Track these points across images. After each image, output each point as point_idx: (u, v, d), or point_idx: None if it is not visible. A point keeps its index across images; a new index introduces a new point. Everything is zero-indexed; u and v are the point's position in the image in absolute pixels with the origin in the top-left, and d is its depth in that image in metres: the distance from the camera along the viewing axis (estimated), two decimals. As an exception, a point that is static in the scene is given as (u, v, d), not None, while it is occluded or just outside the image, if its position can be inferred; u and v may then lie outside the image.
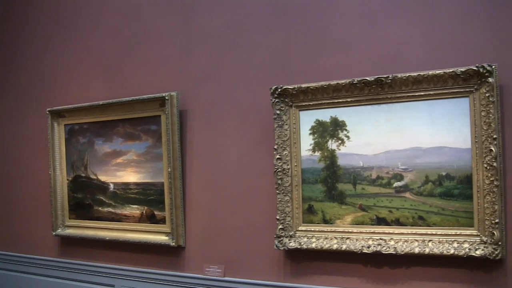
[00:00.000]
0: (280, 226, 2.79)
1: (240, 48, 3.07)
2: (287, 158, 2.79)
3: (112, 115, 3.44)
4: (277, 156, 2.80)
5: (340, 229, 2.66)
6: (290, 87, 2.74)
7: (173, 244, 3.15)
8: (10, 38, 4.22)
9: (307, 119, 2.76)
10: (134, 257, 3.40)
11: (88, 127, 3.60)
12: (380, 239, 2.55)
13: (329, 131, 2.70)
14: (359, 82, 2.56)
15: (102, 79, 3.63)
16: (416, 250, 2.44)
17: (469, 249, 2.34)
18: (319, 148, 2.73)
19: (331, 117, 2.69)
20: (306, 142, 2.76)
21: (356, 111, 2.63)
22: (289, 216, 2.79)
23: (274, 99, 2.79)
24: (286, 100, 2.78)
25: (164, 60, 3.35)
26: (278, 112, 2.79)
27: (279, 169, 2.79)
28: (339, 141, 2.67)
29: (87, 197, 3.62)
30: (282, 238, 2.79)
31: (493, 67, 2.28)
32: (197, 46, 3.23)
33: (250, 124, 3.00)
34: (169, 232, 3.18)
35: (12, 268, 4.04)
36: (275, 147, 2.80)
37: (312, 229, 2.74)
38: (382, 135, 2.56)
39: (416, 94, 2.47)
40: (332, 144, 2.69)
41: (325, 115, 2.71)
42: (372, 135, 2.59)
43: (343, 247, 2.62)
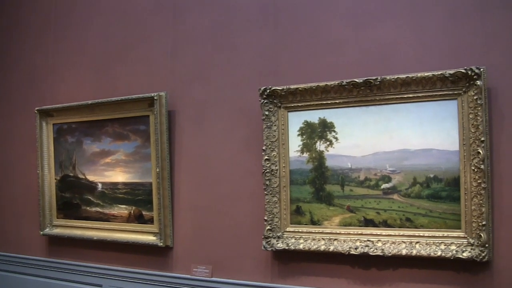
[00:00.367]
0: (268, 227, 2.78)
1: (229, 49, 3.06)
2: (276, 159, 2.78)
3: (101, 115, 3.42)
4: (266, 157, 2.79)
5: (328, 230, 2.66)
6: (279, 88, 2.73)
7: (161, 244, 3.14)
8: (-1, 37, 4.20)
9: (296, 120, 2.76)
10: (122, 257, 3.38)
11: (77, 127, 3.58)
12: (368, 241, 2.55)
13: (318, 133, 2.69)
14: (348, 84, 2.56)
15: (91, 79, 3.61)
16: (404, 252, 2.45)
17: (456, 251, 2.34)
18: (308, 149, 2.72)
19: (320, 119, 2.69)
20: (295, 143, 2.76)
21: (345, 113, 2.62)
22: (277, 217, 2.78)
23: (263, 100, 2.79)
24: (275, 101, 2.78)
25: (153, 61, 3.33)
26: (267, 113, 2.79)
27: (268, 170, 2.79)
28: (328, 143, 2.67)
29: (75, 197, 3.60)
30: (270, 239, 2.78)
31: (482, 70, 2.28)
32: (186, 47, 3.22)
33: (239, 125, 2.99)
34: (157, 232, 3.17)
35: (-1, 268, 4.02)
36: (264, 148, 2.80)
37: (300, 230, 2.74)
38: (371, 137, 2.56)
39: (405, 96, 2.47)
40: (321, 146, 2.69)
41: (314, 117, 2.70)
42: (361, 137, 2.58)
43: (331, 248, 2.62)
